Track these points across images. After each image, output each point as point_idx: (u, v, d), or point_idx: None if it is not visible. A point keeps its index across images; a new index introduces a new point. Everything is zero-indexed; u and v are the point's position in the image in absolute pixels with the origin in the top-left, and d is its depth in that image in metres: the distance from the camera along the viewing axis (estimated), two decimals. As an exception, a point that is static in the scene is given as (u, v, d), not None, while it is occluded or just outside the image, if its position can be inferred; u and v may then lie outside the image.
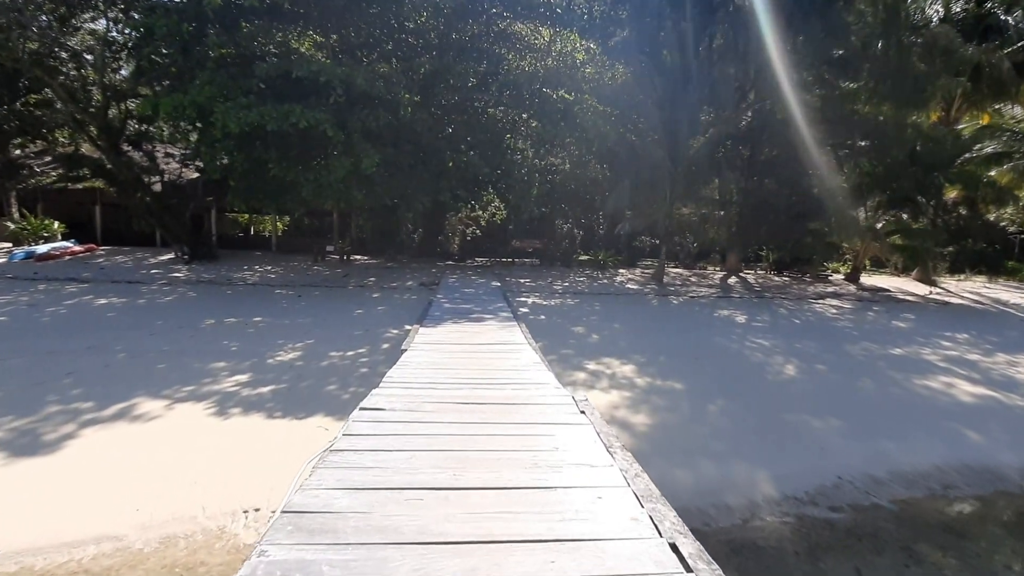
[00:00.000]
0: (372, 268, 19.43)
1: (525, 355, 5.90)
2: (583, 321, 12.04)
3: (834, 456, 5.60)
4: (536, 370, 5.14)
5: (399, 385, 4.34)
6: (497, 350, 6.22)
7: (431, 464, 2.68)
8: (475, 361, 5.52)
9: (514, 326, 7.90)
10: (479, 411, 3.62)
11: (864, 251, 20.49)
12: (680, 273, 22.04)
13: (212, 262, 18.75)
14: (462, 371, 4.97)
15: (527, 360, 5.61)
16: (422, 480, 2.49)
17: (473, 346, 6.37)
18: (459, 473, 2.57)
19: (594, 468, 2.70)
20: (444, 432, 3.15)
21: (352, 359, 8.16)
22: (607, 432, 3.17)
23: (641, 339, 10.51)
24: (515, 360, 5.64)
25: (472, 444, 2.96)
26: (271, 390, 6.69)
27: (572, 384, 7.39)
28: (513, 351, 6.14)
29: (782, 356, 9.70)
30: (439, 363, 5.34)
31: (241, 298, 13.03)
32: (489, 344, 6.52)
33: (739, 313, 14.11)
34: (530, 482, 2.51)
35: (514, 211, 18.49)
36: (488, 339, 6.89)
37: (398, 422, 3.32)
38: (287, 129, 10.45)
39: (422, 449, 2.87)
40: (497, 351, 6.16)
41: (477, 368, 5.18)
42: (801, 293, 18.34)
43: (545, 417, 3.57)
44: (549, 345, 9.26)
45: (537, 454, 2.84)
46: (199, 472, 4.62)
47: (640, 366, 8.53)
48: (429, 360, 5.46)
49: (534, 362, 5.49)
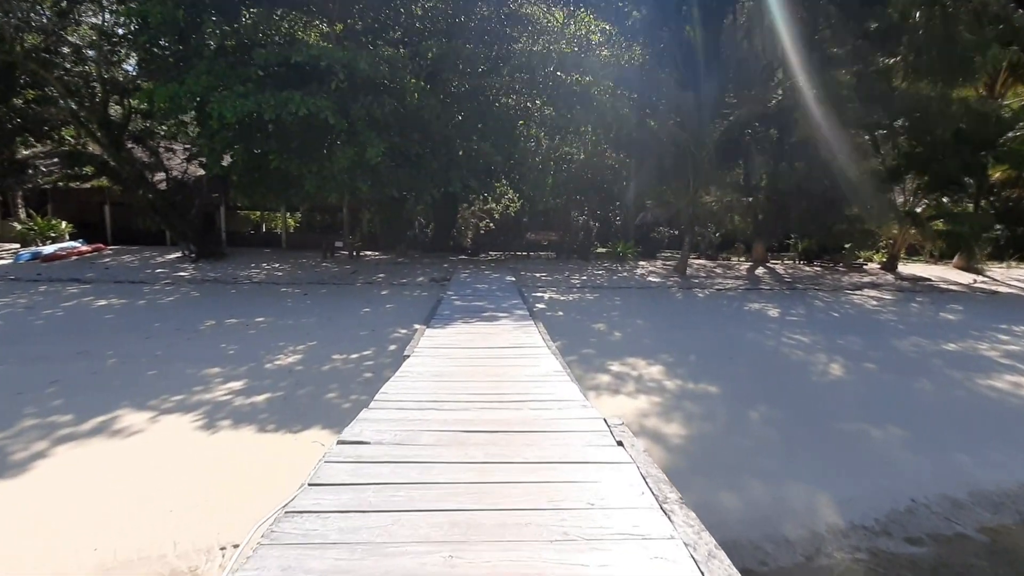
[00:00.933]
0: (382, 264, 18.97)
1: (544, 362, 5.30)
2: (604, 317, 11.39)
3: (902, 473, 4.91)
4: (558, 381, 4.53)
5: (393, 405, 3.76)
6: (512, 355, 5.60)
7: (419, 535, 2.04)
8: (486, 370, 4.93)
9: (531, 326, 7.28)
10: (489, 444, 2.98)
11: (902, 238, 19.42)
12: (703, 265, 21.20)
13: (219, 260, 18.47)
14: (470, 383, 4.41)
15: (547, 368, 5.00)
16: (403, 570, 1.87)
17: (484, 350, 5.77)
18: (458, 552, 1.95)
19: (647, 541, 2.03)
20: (441, 479, 2.51)
21: (356, 362, 7.65)
22: (657, 477, 2.49)
23: (667, 336, 9.84)
24: (532, 368, 5.02)
25: (478, 500, 2.31)
26: (266, 399, 6.19)
27: (595, 388, 6.79)
28: (530, 356, 5.54)
29: (824, 354, 8.95)
30: (444, 373, 4.75)
31: (245, 297, 12.63)
32: (502, 348, 5.90)
33: (771, 306, 13.32)
34: (559, 568, 1.89)
35: (528, 202, 17.83)
36: (502, 341, 6.29)
37: (383, 462, 2.72)
38: (287, 118, 9.95)
39: (410, 509, 2.23)
40: (512, 357, 5.54)
41: (488, 379, 4.58)
42: (836, 284, 17.41)
43: (573, 451, 2.93)
44: (568, 344, 8.65)
45: (566, 516, 2.19)
46: (176, 499, 4.12)
47: (668, 367, 7.88)
48: (433, 369, 4.91)
49: (555, 371, 4.87)
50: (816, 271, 20.33)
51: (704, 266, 20.68)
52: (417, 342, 5.85)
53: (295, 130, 10.93)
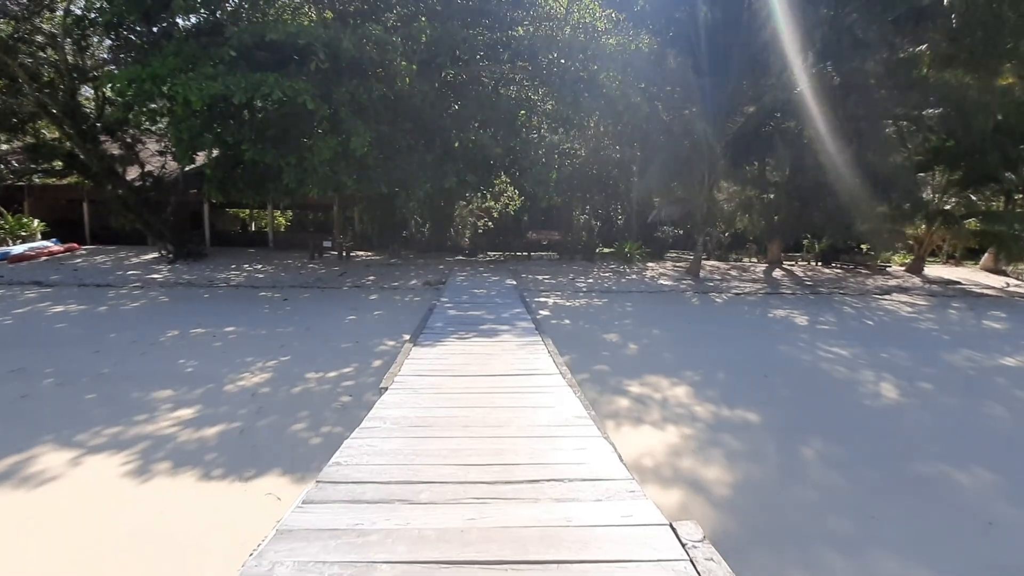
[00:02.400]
0: (373, 265, 18.00)
1: (561, 400, 4.20)
2: (615, 326, 10.43)
3: (1013, 538, 3.93)
4: (584, 436, 3.38)
5: (342, 494, 2.56)
6: (517, 388, 4.57)
7: None
8: (484, 415, 3.80)
9: (538, 343, 6.30)
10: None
11: (929, 238, 18.47)
12: (716, 266, 20.24)
13: (199, 261, 17.50)
14: (462, 443, 3.28)
15: (566, 411, 3.88)
16: None
17: (482, 381, 4.75)
18: None
19: None
20: None
21: (333, 382, 6.67)
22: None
23: (688, 349, 8.87)
24: (547, 412, 3.87)
25: None
26: (218, 432, 5.21)
27: (614, 416, 5.82)
28: (542, 390, 4.49)
29: (871, 370, 7.98)
30: (426, 420, 3.69)
31: (218, 303, 11.65)
32: (505, 377, 4.87)
33: (797, 313, 12.36)
34: None
35: (530, 199, 16.86)
36: (503, 365, 5.30)
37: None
38: (260, 103, 8.98)
39: None
40: (517, 391, 4.49)
41: (487, 433, 3.47)
42: (860, 287, 16.46)
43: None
44: (579, 359, 7.70)
45: None
46: (68, 587, 3.14)
47: (696, 387, 6.91)
48: (412, 414, 3.81)
49: (577, 416, 3.74)
50: (837, 273, 19.38)
51: (717, 268, 19.72)
52: (399, 367, 4.85)
53: (271, 117, 9.96)
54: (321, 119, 9.78)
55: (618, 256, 20.74)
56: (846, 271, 19.98)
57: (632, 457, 4.79)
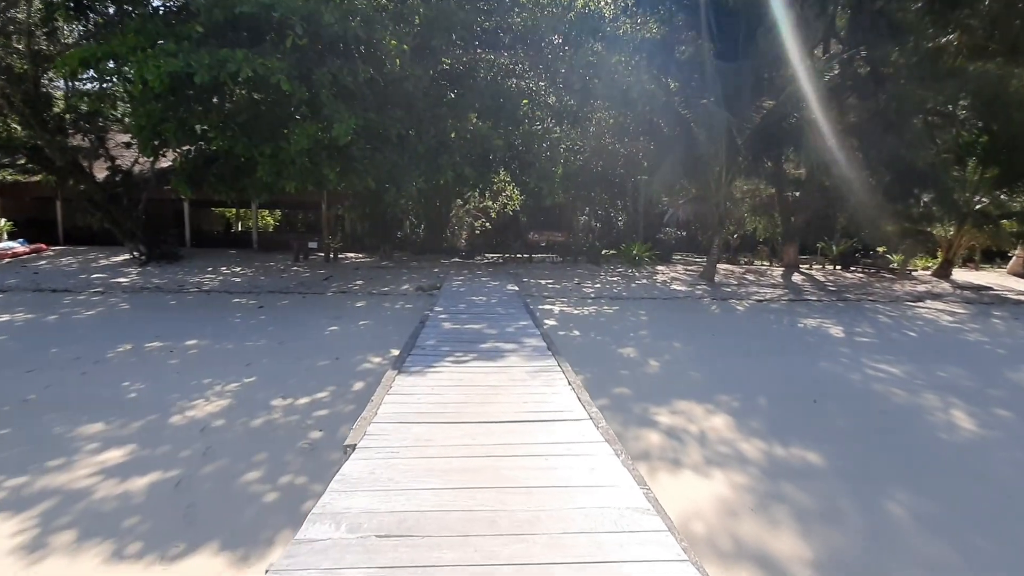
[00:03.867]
0: (363, 268, 16.97)
1: (604, 474, 2.95)
2: (631, 338, 9.42)
3: None
4: (650, 543, 2.24)
5: None
6: (536, 450, 3.31)
7: None
8: (492, 509, 2.53)
9: (554, 370, 5.19)
10: None
11: (959, 241, 17.55)
12: (730, 270, 19.27)
13: (173, 263, 16.43)
14: (460, 559, 2.11)
15: (617, 500, 2.63)
16: None
17: (484, 433, 3.53)
18: None
19: None
20: None
21: (303, 412, 5.64)
22: None
23: (717, 366, 7.88)
24: (586, 498, 2.64)
25: None
26: (148, 486, 4.18)
27: (645, 457, 4.82)
28: (571, 455, 3.22)
29: (932, 393, 6.99)
30: (405, 523, 2.37)
31: (185, 311, 10.60)
32: (516, 426, 3.67)
33: (828, 322, 11.38)
34: None
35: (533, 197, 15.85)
36: (512, 407, 4.08)
37: None
38: (228, 82, 7.95)
39: None
40: (537, 456, 3.22)
41: (500, 554, 2.18)
42: (888, 293, 15.51)
43: None
44: (593, 379, 6.69)
45: None
46: None
47: (736, 417, 5.91)
48: (383, 508, 2.51)
49: (634, 509, 2.53)
50: (859, 278, 18.43)
51: (731, 272, 18.75)
52: (375, 409, 3.77)
53: (242, 101, 8.94)
54: (299, 103, 8.77)
55: (625, 259, 19.75)
56: (868, 275, 19.03)
57: (678, 519, 3.78)
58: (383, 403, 3.86)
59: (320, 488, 3.11)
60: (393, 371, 4.71)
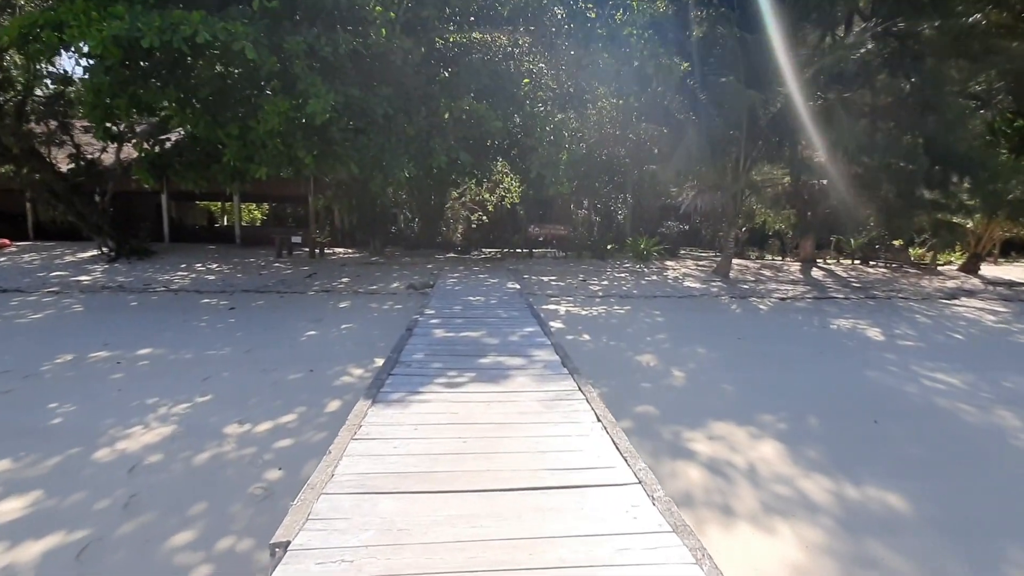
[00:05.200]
0: (351, 264, 15.97)
1: None
2: (648, 343, 8.48)
3: None
4: None
5: None
6: (561, 543, 2.19)
7: None
8: None
9: (574, 396, 4.10)
10: None
11: (989, 233, 16.66)
12: (744, 265, 18.35)
13: (144, 259, 15.40)
14: None
15: None
16: None
17: (485, 505, 2.45)
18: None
19: None
20: None
21: (261, 443, 4.68)
22: None
23: (750, 376, 6.95)
24: None
25: None
26: (42, 554, 3.23)
27: (688, 502, 3.92)
28: (615, 547, 2.17)
29: (1006, 409, 6.09)
30: None
31: (146, 313, 9.61)
32: (529, 496, 2.56)
33: (862, 323, 10.48)
34: None
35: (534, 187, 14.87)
36: (522, 459, 2.97)
37: None
38: (183, 49, 6.93)
39: None
40: (562, 555, 2.12)
41: None
42: (918, 289, 14.63)
43: None
44: (611, 395, 5.76)
45: None
46: None
47: (788, 443, 4.99)
48: None
49: None
50: (883, 273, 17.54)
51: (746, 267, 17.83)
52: (331, 468, 2.71)
53: (204, 74, 7.92)
54: (269, 76, 7.76)
55: (633, 254, 18.82)
56: (892, 270, 18.15)
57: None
58: (345, 455, 2.84)
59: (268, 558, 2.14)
60: (366, 401, 3.70)
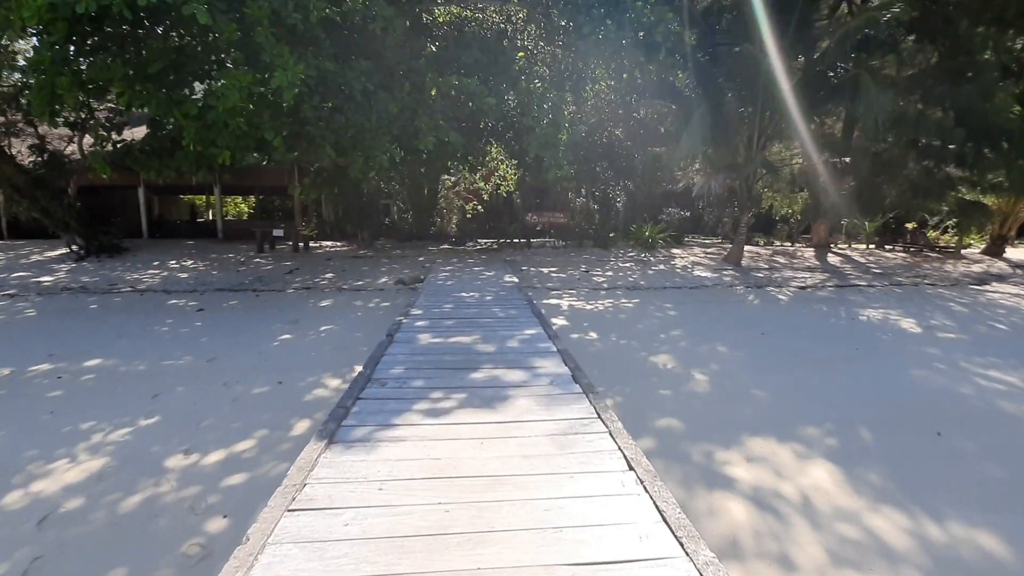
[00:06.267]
0: (337, 259, 15.15)
1: None
2: (662, 341, 7.70)
3: None
4: None
5: None
6: None
7: None
8: None
9: (592, 428, 3.21)
10: None
11: (1016, 214, 15.89)
12: (756, 252, 17.56)
13: (115, 257, 14.57)
14: None
15: None
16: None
17: None
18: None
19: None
20: None
21: (208, 480, 3.91)
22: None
23: (783, 380, 6.19)
24: None
25: None
26: None
27: (734, 548, 3.16)
28: None
29: (1083, 414, 5.32)
30: None
31: (104, 317, 8.79)
32: None
33: (893, 313, 9.73)
34: None
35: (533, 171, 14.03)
36: (532, 538, 2.05)
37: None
38: (123, 13, 6.06)
39: None
40: None
41: None
42: (943, 275, 13.87)
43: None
44: (627, 404, 5.04)
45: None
46: None
47: (842, 465, 4.25)
48: None
49: None
50: (903, 258, 16.76)
51: (758, 254, 17.05)
52: (246, 566, 1.77)
53: (156, 46, 7.04)
54: (228, 46, 6.90)
55: (636, 241, 18.03)
56: (911, 255, 17.38)
57: None
58: (270, 541, 1.94)
59: None
60: (317, 443, 2.81)
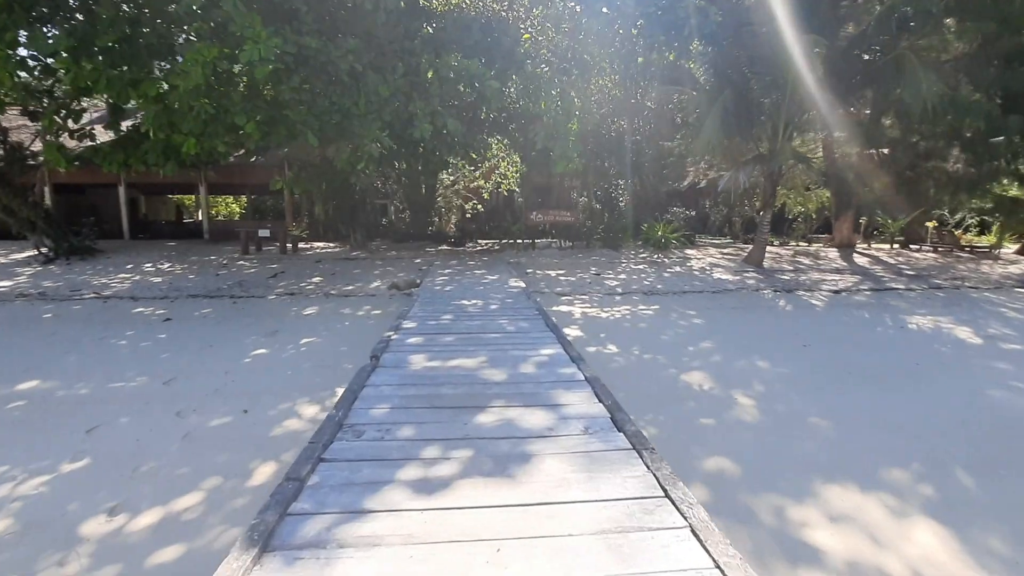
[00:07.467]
0: (327, 261, 14.27)
1: None
2: (693, 355, 6.82)
3: None
4: None
5: None
6: None
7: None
8: None
9: (665, 523, 2.07)
10: None
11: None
12: (777, 253, 16.69)
13: (87, 259, 13.70)
14: None
15: None
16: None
17: None
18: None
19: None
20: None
21: (131, 555, 3.06)
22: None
23: (844, 403, 5.32)
24: None
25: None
26: None
27: None
28: None
29: None
30: None
31: (57, 328, 7.91)
32: None
33: (943, 320, 8.86)
34: None
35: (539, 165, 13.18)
36: None
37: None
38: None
39: None
40: None
41: None
42: (982, 276, 13.01)
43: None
44: (662, 438, 4.16)
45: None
46: None
47: (947, 522, 3.41)
48: None
49: None
50: (934, 258, 15.90)
51: (779, 255, 16.18)
52: None
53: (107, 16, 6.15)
54: (188, 13, 5.99)
55: (645, 241, 17.18)
56: (941, 255, 16.52)
57: None
58: None
59: None
60: (240, 558, 1.73)
